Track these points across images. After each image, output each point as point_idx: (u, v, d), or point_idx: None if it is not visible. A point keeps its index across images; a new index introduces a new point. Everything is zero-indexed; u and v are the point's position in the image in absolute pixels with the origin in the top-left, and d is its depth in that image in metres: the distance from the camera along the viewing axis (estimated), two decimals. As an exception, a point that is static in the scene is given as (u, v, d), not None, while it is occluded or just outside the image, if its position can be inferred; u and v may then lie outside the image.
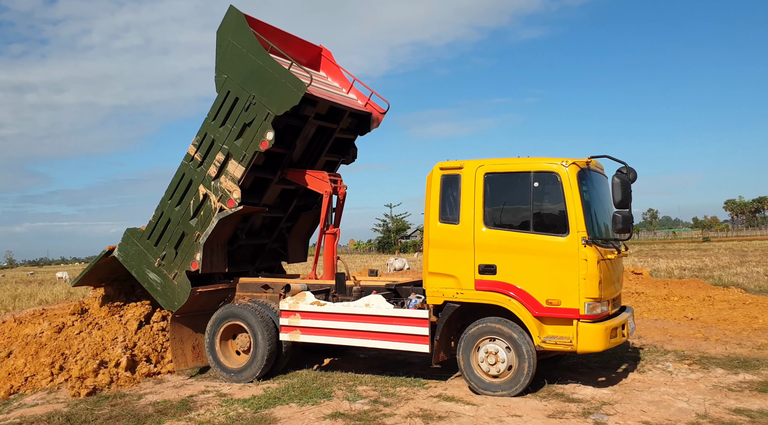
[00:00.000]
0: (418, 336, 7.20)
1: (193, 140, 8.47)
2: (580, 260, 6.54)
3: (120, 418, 6.65)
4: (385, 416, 6.29)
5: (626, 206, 6.62)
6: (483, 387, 6.90)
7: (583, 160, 6.91)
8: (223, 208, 8.23)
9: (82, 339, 9.04)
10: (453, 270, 7.13)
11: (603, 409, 6.31)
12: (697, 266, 25.31)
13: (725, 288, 14.73)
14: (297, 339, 7.96)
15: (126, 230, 8.92)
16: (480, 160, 7.19)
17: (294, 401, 6.95)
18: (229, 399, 7.25)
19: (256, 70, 7.97)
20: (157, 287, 8.63)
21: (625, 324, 7.05)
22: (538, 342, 6.66)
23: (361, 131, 9.78)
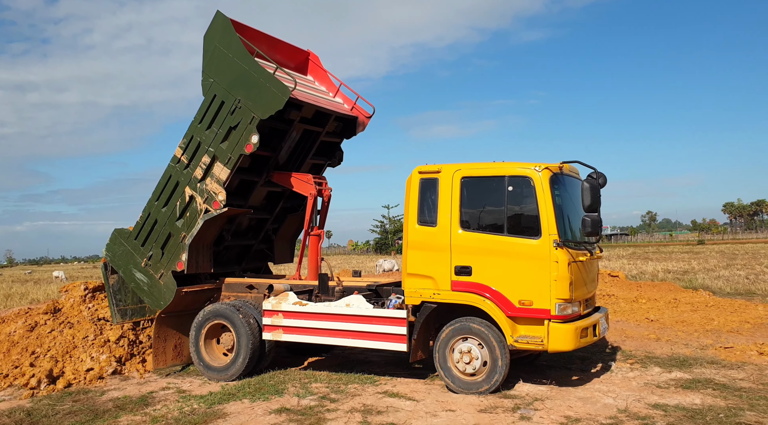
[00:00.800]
0: (396, 335, 7.35)
1: (179, 143, 8.61)
2: (552, 262, 6.70)
3: (78, 413, 6.85)
4: (328, 411, 6.52)
5: (595, 209, 6.77)
6: (459, 385, 7.06)
7: (555, 165, 7.08)
8: (209, 209, 8.36)
9: (53, 337, 9.24)
10: (430, 271, 7.28)
11: (534, 404, 6.55)
12: (683, 269, 25.51)
13: (694, 291, 14.97)
14: (279, 338, 8.10)
15: (114, 230, 9.06)
16: (457, 164, 7.36)
17: (247, 397, 7.17)
18: (187, 395, 7.47)
19: (241, 75, 8.10)
20: (144, 287, 8.76)
21: (596, 324, 7.22)
22: (511, 341, 6.82)
23: (347, 135, 9.91)
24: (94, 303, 10.13)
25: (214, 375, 8.23)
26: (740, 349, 8.76)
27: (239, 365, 8.09)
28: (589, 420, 5.97)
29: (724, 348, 8.90)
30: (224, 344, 8.46)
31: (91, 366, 8.61)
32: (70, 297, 10.28)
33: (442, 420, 6.12)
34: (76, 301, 10.12)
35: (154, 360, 8.68)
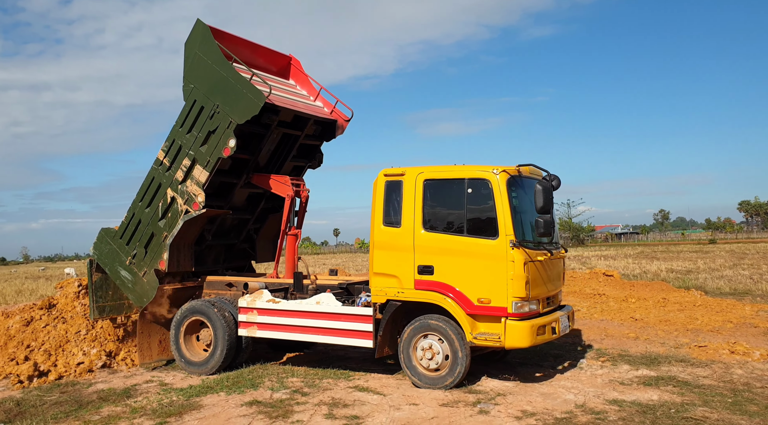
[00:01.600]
0: (362, 332, 7.60)
1: (162, 146, 8.91)
2: (508, 261, 6.90)
3: (64, 403, 7.25)
4: (297, 404, 6.81)
5: (548, 211, 6.98)
6: (424, 381, 7.29)
7: (513, 168, 7.30)
8: (189, 210, 8.66)
9: (48, 332, 9.62)
10: (395, 271, 7.52)
11: (495, 399, 6.77)
12: (687, 269, 25.36)
13: (686, 291, 14.98)
14: (254, 334, 8.37)
15: (101, 229, 9.39)
16: (420, 167, 7.61)
17: (224, 390, 7.49)
18: (168, 388, 7.82)
19: (219, 81, 8.37)
20: (128, 284, 9.10)
21: (556, 322, 7.41)
22: (470, 338, 7.04)
23: (326, 138, 10.16)
24: (87, 300, 10.47)
25: (193, 369, 8.54)
26: (713, 348, 8.88)
27: (216, 359, 8.38)
28: (545, 414, 6.18)
29: (697, 347, 9.01)
30: (203, 339, 8.75)
31: (81, 360, 9.01)
32: (65, 294, 10.66)
33: (404, 413, 6.38)
34: (70, 297, 10.47)
35: (139, 354, 9.00)
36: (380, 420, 6.13)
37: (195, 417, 6.41)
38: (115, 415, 6.62)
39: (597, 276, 16.74)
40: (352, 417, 6.26)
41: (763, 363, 8.09)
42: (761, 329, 10.44)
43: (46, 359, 8.91)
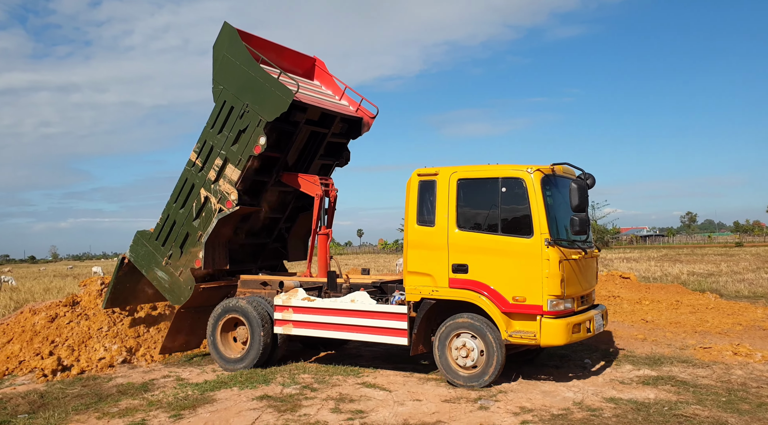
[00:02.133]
0: (397, 329, 7.72)
1: (194, 147, 9.13)
2: (543, 260, 6.97)
3: (85, 396, 7.61)
4: (306, 398, 7.05)
5: (583, 209, 7.05)
6: (457, 378, 7.36)
7: (547, 167, 7.35)
8: (222, 209, 8.86)
9: (71, 328, 10.01)
10: (429, 269, 7.61)
11: (497, 396, 6.93)
12: (709, 272, 25.15)
13: (701, 293, 14.96)
14: (290, 331, 8.53)
15: (136, 232, 9.64)
16: (454, 167, 7.70)
17: (237, 385, 7.74)
18: (184, 383, 8.12)
19: (248, 81, 8.56)
20: (165, 285, 9.31)
21: (591, 321, 7.44)
22: (506, 336, 7.11)
23: (353, 135, 10.31)
24: (111, 297, 10.94)
25: (230, 366, 8.70)
26: (717, 349, 8.95)
27: (253, 356, 8.57)
28: (542, 411, 6.35)
29: (702, 348, 9.05)
30: (239, 337, 8.94)
31: (103, 356, 9.38)
32: (88, 291, 11.11)
33: (407, 408, 6.60)
34: (93, 295, 10.91)
35: (162, 348, 9.30)
36: (383, 415, 6.34)
37: (208, 410, 6.69)
38: (133, 408, 6.93)
39: (614, 278, 16.78)
40: (357, 411, 6.49)
41: (764, 365, 8.14)
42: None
43: (69, 354, 9.29)
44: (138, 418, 6.49)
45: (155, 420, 6.44)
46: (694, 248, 58.92)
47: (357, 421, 6.18)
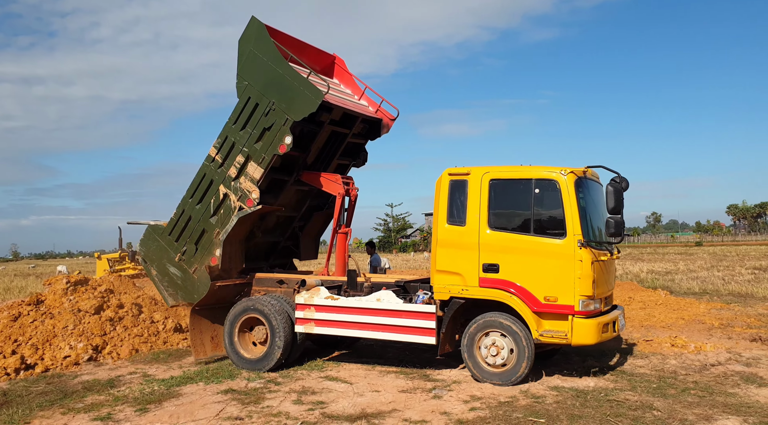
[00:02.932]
0: (425, 328, 7.72)
1: (214, 143, 8.93)
2: (576, 261, 7.07)
3: (49, 393, 7.62)
4: (270, 392, 7.35)
5: (619, 212, 7.16)
6: (485, 376, 7.42)
7: (580, 169, 7.48)
8: (243, 207, 8.68)
9: (35, 327, 9.94)
10: (459, 268, 7.65)
11: (451, 386, 7.39)
12: (667, 270, 26.29)
13: (653, 290, 15.77)
14: (312, 330, 8.45)
15: (147, 226, 9.49)
16: (486, 167, 7.76)
17: (203, 381, 7.97)
18: (151, 379, 8.24)
19: (276, 78, 8.40)
20: (178, 281, 9.11)
21: (616, 321, 7.60)
22: (536, 335, 7.20)
23: (371, 136, 10.25)
24: (75, 296, 10.89)
25: (248, 366, 8.57)
26: (657, 342, 9.60)
27: (275, 356, 8.43)
28: (490, 398, 6.81)
29: (644, 341, 9.71)
30: (257, 337, 8.79)
31: (68, 354, 9.34)
32: (53, 290, 11.09)
33: (366, 398, 6.95)
34: (59, 293, 10.88)
35: (194, 351, 9.05)
36: (343, 405, 6.69)
37: (174, 404, 6.88)
38: (99, 403, 7.01)
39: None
40: (318, 402, 6.81)
41: (696, 355, 8.81)
42: (707, 325, 11.27)
43: (33, 353, 9.21)
44: (104, 413, 6.67)
45: (121, 414, 6.59)
46: (657, 248, 60.74)
47: (317, 411, 6.51)
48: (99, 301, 10.81)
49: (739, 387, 7.12)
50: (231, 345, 8.83)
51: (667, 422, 5.88)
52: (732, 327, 11.04)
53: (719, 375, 7.66)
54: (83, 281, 11.77)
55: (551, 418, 6.05)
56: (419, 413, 6.38)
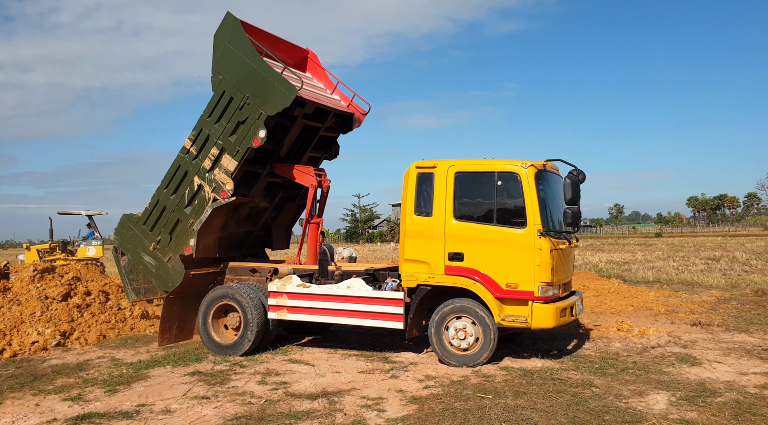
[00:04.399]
0: (393, 314, 8.06)
1: (189, 135, 9.11)
2: (536, 249, 7.46)
3: (19, 377, 7.84)
4: (235, 374, 7.70)
5: (576, 203, 7.55)
6: (453, 359, 7.77)
7: (540, 162, 7.84)
8: (217, 198, 8.89)
9: (2, 313, 10.12)
10: (426, 257, 7.98)
11: (408, 368, 7.83)
12: (625, 260, 27.19)
13: (608, 279, 16.48)
14: (284, 317, 8.73)
15: (122, 215, 9.61)
16: (451, 160, 8.07)
17: (170, 364, 8.28)
18: (119, 362, 8.51)
19: (250, 73, 8.57)
20: (152, 269, 9.31)
21: (573, 306, 8.04)
22: (498, 319, 7.58)
23: (343, 130, 10.50)
24: (42, 283, 11.03)
25: (222, 352, 8.78)
26: (605, 327, 10.16)
27: (248, 341, 8.67)
28: (444, 378, 7.24)
29: (593, 326, 10.31)
30: (230, 323, 9.03)
31: (36, 339, 9.52)
32: (20, 277, 11.24)
33: (327, 379, 7.34)
34: (26, 281, 11.03)
35: (160, 337, 9.32)
36: (305, 385, 7.06)
37: (142, 385, 7.18)
38: (68, 385, 7.26)
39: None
40: (282, 383, 7.17)
41: (639, 338, 9.35)
42: (654, 311, 11.90)
43: (0, 338, 9.35)
44: (74, 393, 6.94)
45: (91, 395, 6.87)
46: (618, 239, 62.36)
47: (280, 391, 6.88)
48: (66, 288, 10.96)
49: (674, 366, 7.65)
50: (205, 331, 9.03)
51: (603, 396, 6.39)
52: (676, 313, 11.70)
53: (657, 356, 8.19)
54: (50, 268, 11.86)
55: (498, 394, 6.49)
56: (376, 391, 6.81)
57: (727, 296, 14.14)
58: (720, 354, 8.33)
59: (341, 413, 6.05)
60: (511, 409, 5.97)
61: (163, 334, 9.38)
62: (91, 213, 21.34)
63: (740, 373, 7.30)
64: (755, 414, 5.78)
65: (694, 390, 6.57)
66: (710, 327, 10.20)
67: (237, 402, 6.49)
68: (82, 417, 6.11)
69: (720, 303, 13.08)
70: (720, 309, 12.17)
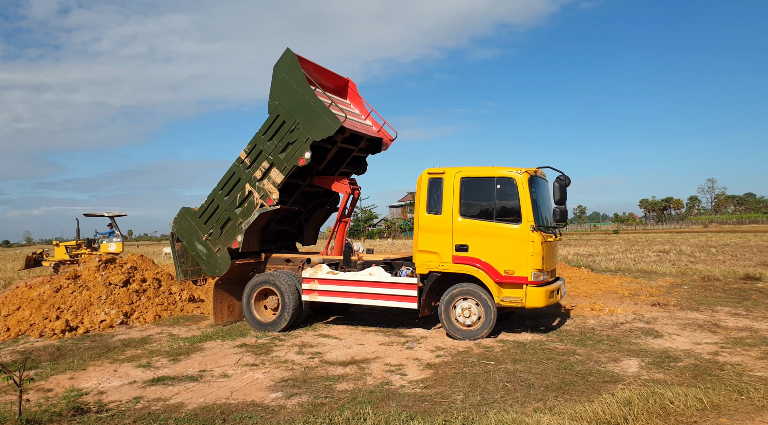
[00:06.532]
0: (409, 296, 8.31)
1: (245, 147, 9.22)
2: (529, 241, 7.70)
3: (95, 348, 8.18)
4: (276, 346, 8.00)
5: (563, 203, 7.84)
6: (458, 333, 8.02)
7: (532, 169, 8.10)
8: (264, 204, 9.09)
9: (74, 297, 10.35)
10: (436, 248, 8.21)
11: (419, 341, 8.13)
12: (589, 253, 27.40)
13: (578, 268, 16.71)
14: (315, 299, 8.98)
15: (181, 208, 9.79)
16: (458, 168, 8.29)
17: (219, 338, 8.52)
18: (176, 337, 8.74)
19: (302, 103, 8.68)
20: (203, 256, 9.52)
21: (559, 289, 8.31)
22: (498, 300, 7.84)
23: (372, 151, 10.62)
24: (106, 272, 11.28)
25: (262, 328, 9.01)
26: (580, 307, 10.44)
27: (285, 319, 8.92)
28: (451, 349, 7.55)
29: (571, 307, 10.52)
30: (269, 305, 9.27)
31: (103, 318, 9.77)
32: (87, 267, 11.47)
33: (353, 350, 7.62)
34: (92, 270, 11.29)
35: (214, 317, 9.52)
36: (336, 354, 7.36)
37: (200, 355, 7.43)
38: (137, 355, 7.54)
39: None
40: (316, 353, 7.46)
41: (609, 316, 9.65)
42: (619, 294, 12.21)
43: (74, 317, 9.63)
44: (144, 362, 7.18)
45: (158, 363, 7.12)
46: (582, 235, 62.93)
47: (316, 359, 7.15)
48: (126, 276, 11.17)
49: (641, 338, 7.95)
50: (249, 311, 9.26)
51: (585, 362, 6.68)
52: (638, 296, 12.00)
53: (626, 330, 8.48)
54: (112, 259, 12.05)
55: (498, 361, 6.80)
56: (397, 359, 7.07)
57: (678, 282, 14.46)
58: (677, 328, 8.63)
59: (370, 376, 6.31)
60: (511, 372, 6.24)
61: (216, 314, 9.55)
62: (113, 214, 21.37)
63: (695, 343, 7.61)
64: (710, 374, 6.08)
65: (659, 357, 6.87)
66: (667, 307, 10.50)
67: (282, 368, 6.74)
68: (156, 379, 6.35)
69: (673, 288, 13.38)
70: (674, 292, 12.47)
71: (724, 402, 5.12)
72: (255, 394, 5.74)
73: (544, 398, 5.36)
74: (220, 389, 5.96)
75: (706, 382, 5.74)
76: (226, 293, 9.69)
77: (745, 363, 6.52)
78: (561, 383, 5.84)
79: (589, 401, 5.14)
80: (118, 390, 6.00)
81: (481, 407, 5.13)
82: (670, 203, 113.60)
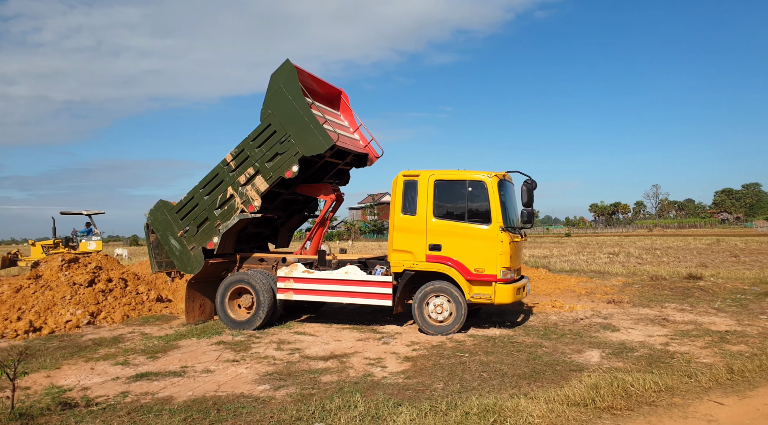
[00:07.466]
0: (383, 294, 8.56)
1: (231, 150, 9.14)
2: (498, 241, 8.10)
3: (66, 348, 8.03)
4: (253, 343, 8.13)
5: (530, 205, 8.28)
6: (431, 329, 8.35)
7: (501, 173, 8.51)
8: (244, 210, 9.08)
9: (36, 297, 10.17)
10: (411, 248, 8.51)
11: (394, 336, 8.49)
12: (544, 254, 28.58)
13: (536, 269, 17.54)
14: (291, 298, 9.10)
15: (159, 200, 9.66)
16: (431, 171, 8.62)
17: (195, 336, 8.60)
18: (149, 336, 8.76)
19: (296, 116, 8.63)
20: (176, 252, 9.44)
21: (525, 286, 8.77)
22: (469, 297, 8.20)
23: (357, 165, 10.70)
24: (69, 272, 11.08)
25: (237, 327, 9.05)
26: (542, 304, 11.07)
27: (260, 318, 8.99)
28: (426, 343, 7.91)
29: (533, 304, 11.15)
30: (243, 303, 9.32)
31: (69, 318, 9.64)
32: (50, 267, 11.21)
33: (331, 346, 7.86)
34: (55, 269, 11.06)
35: (186, 315, 9.51)
36: (315, 350, 7.56)
37: (178, 353, 7.47)
38: (112, 354, 7.50)
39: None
40: (295, 348, 7.65)
41: (570, 312, 10.27)
42: (577, 293, 12.94)
43: (37, 318, 9.45)
44: (120, 360, 7.20)
45: (136, 360, 7.13)
46: (536, 238, 64.73)
47: (297, 354, 7.35)
48: (91, 276, 11.02)
49: (599, 332, 8.50)
50: (223, 310, 9.28)
51: (552, 354, 7.20)
52: (594, 294, 12.74)
53: (586, 325, 9.04)
54: (75, 259, 11.81)
55: (472, 353, 7.22)
56: (375, 353, 7.37)
57: (630, 282, 15.36)
58: (631, 322, 9.33)
59: (352, 369, 6.60)
60: (485, 363, 6.68)
61: (188, 313, 9.55)
62: (91, 213, 20.94)
63: (648, 336, 8.28)
64: (662, 362, 6.71)
65: (617, 348, 7.47)
66: (621, 304, 11.25)
67: (263, 363, 6.92)
68: (139, 375, 6.42)
69: (625, 287, 14.25)
70: (626, 291, 13.32)
71: (677, 385, 5.71)
72: (242, 387, 5.93)
73: (518, 385, 5.81)
74: (206, 383, 6.11)
75: (660, 368, 6.32)
76: (198, 292, 9.71)
77: (692, 351, 7.21)
78: (532, 372, 6.31)
79: (560, 386, 5.62)
80: (102, 386, 6.05)
81: (462, 394, 5.51)
82: (618, 207, 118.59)
